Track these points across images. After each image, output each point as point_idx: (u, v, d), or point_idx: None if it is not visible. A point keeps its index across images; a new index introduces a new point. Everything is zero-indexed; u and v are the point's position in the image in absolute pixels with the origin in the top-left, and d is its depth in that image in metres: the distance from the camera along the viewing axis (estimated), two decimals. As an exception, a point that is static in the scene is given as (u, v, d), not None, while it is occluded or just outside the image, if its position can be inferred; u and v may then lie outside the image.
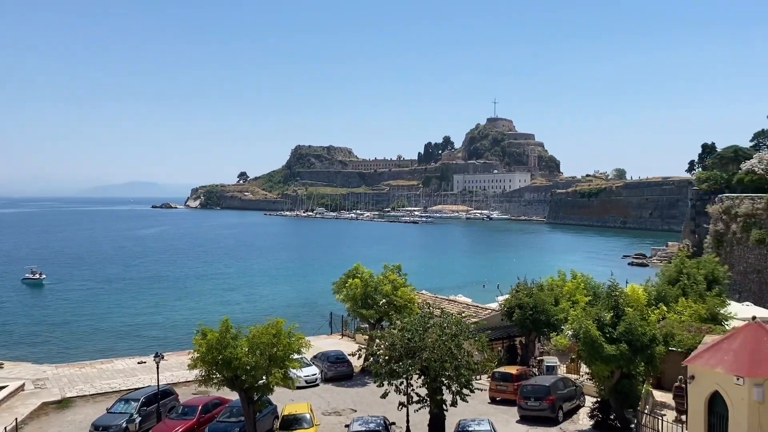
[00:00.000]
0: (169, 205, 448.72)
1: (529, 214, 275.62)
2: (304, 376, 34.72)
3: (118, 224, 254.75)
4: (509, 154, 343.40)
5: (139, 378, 36.50)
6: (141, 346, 52.04)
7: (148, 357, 39.31)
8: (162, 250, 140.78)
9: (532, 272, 47.70)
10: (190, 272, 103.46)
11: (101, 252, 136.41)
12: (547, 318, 35.90)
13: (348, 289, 39.28)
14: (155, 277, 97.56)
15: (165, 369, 35.55)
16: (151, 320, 65.19)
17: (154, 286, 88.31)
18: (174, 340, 54.47)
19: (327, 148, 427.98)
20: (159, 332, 59.50)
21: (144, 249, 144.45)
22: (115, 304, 73.88)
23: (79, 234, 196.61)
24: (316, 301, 73.19)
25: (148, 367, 38.04)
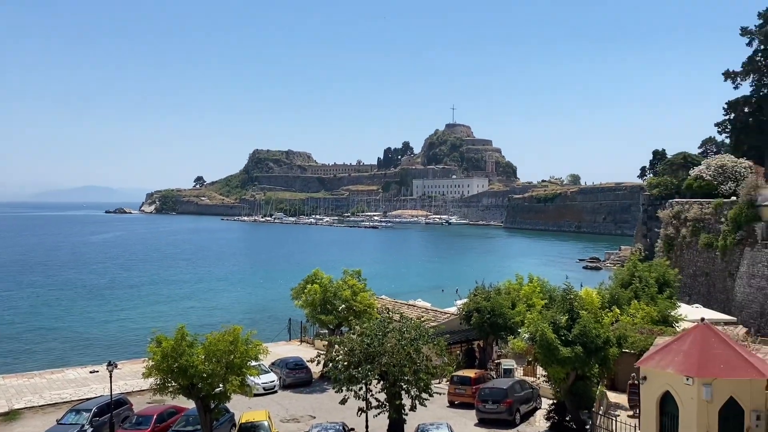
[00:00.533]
0: (123, 210, 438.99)
1: (487, 218, 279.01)
2: (262, 383, 34.32)
3: (69, 230, 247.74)
4: (467, 159, 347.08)
5: (92, 388, 35.47)
6: (93, 354, 50.64)
7: (100, 366, 38.26)
8: (115, 257, 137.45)
9: (490, 276, 48.15)
10: (145, 279, 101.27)
11: (51, 258, 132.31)
12: (505, 321, 36.30)
13: (307, 295, 39.00)
14: (108, 284, 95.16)
15: (118, 378, 34.70)
16: (104, 328, 63.50)
17: (107, 293, 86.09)
18: (128, 348, 53.12)
19: (286, 152, 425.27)
20: (112, 340, 57.98)
21: (96, 255, 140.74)
22: (66, 312, 71.74)
23: (28, 240, 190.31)
24: (274, 308, 72.46)
25: (100, 376, 37.01)
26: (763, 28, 68.29)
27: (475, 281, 41.90)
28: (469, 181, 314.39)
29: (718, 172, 58.83)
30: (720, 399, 19.75)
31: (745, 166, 58.81)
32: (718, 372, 19.76)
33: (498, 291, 39.23)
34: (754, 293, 45.53)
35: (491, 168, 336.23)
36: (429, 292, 76.30)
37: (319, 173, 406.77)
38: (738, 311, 46.02)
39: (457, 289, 56.52)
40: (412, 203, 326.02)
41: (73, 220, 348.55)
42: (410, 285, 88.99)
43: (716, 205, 52.80)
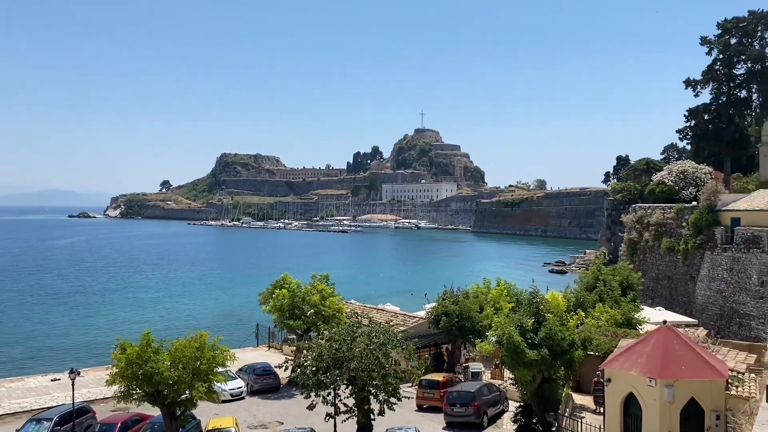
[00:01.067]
0: (87, 215, 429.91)
1: (456, 223, 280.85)
2: (229, 390, 33.94)
3: (31, 234, 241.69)
4: (436, 164, 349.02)
5: (53, 396, 34.65)
6: (55, 362, 49.39)
7: (62, 374, 37.40)
8: (78, 262, 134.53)
9: (458, 280, 48.51)
10: (109, 285, 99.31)
11: (11, 263, 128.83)
12: (473, 325, 36.54)
13: (275, 300, 38.76)
14: (71, 289, 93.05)
15: (81, 386, 33.96)
16: (67, 335, 62.07)
17: (69, 299, 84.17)
18: (91, 355, 52.02)
19: (254, 156, 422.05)
20: (75, 347, 56.70)
21: (59, 260, 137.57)
22: (26, 319, 69.92)
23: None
24: (242, 313, 71.74)
25: (62, 384, 36.18)
26: (722, 38, 70.23)
27: (444, 285, 42.13)
28: (437, 186, 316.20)
29: (679, 178, 60.19)
30: (681, 399, 20.19)
31: (705, 171, 60.30)
32: (679, 373, 20.21)
33: (466, 295, 39.49)
34: (714, 296, 46.69)
35: (460, 173, 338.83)
36: (398, 296, 76.38)
37: (287, 177, 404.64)
38: (699, 313, 47.13)
39: (426, 293, 56.60)
40: (382, 208, 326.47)
41: (35, 224, 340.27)
42: (379, 289, 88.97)
43: (678, 210, 54.02)
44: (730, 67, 70.62)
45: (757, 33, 68.67)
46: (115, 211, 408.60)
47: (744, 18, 68.45)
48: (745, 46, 67.73)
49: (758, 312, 42.52)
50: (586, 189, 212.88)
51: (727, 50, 69.77)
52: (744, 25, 67.72)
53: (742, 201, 48.18)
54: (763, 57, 64.88)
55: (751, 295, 43.39)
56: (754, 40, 67.55)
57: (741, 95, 69.00)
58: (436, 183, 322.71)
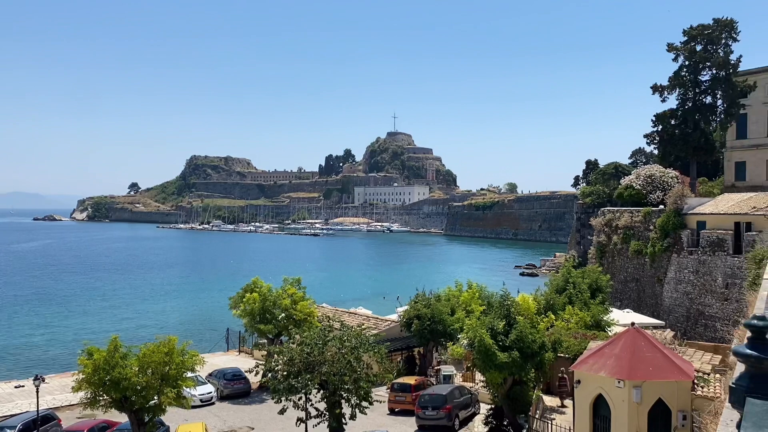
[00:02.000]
0: (53, 218, 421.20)
1: (428, 226, 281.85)
2: (199, 395, 33.57)
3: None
4: (409, 167, 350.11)
5: (17, 403, 33.86)
6: (19, 368, 48.36)
7: (26, 380, 36.61)
8: (43, 266, 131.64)
9: (430, 283, 48.74)
10: (75, 289, 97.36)
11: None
12: (444, 328, 36.70)
13: (245, 304, 38.43)
14: (36, 294, 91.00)
15: (46, 393, 33.26)
16: (31, 340, 60.67)
17: (34, 303, 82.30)
18: (56, 361, 50.95)
19: (224, 158, 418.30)
20: (39, 353, 55.46)
21: (23, 265, 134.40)
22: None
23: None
24: (211, 317, 70.95)
25: (26, 391, 35.37)
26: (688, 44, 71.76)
27: (416, 288, 42.30)
28: (410, 189, 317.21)
29: (647, 182, 61.28)
30: (649, 400, 20.53)
31: (672, 176, 61.52)
32: (647, 375, 20.55)
33: (438, 298, 39.64)
34: (680, 298, 47.64)
35: (432, 176, 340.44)
36: (370, 299, 76.41)
37: (259, 180, 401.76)
38: (666, 315, 48.03)
39: (398, 296, 56.85)
40: (354, 211, 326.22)
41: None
42: (351, 293, 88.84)
43: (645, 214, 55.01)
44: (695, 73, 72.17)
45: (722, 40, 70.29)
46: (81, 214, 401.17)
47: (709, 25, 70.02)
48: (710, 53, 69.29)
49: (723, 314, 43.50)
50: (556, 192, 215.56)
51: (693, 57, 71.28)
52: (709, 33, 69.26)
53: (708, 204, 49.29)
54: (727, 64, 66.50)
55: (716, 297, 44.37)
56: (718, 47, 69.13)
57: (706, 101, 70.52)
58: (408, 186, 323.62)
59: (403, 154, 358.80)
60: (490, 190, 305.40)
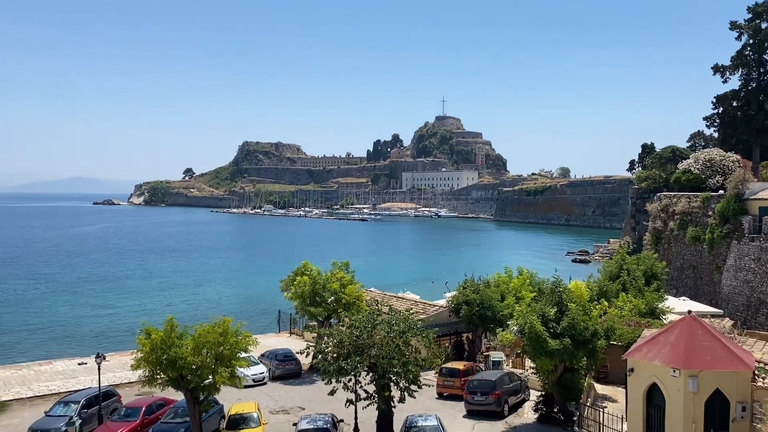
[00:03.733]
0: (112, 202, 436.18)
1: (477, 211, 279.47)
2: (252, 375, 34.34)
3: (57, 221, 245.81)
4: (457, 152, 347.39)
5: (80, 380, 35.37)
6: (82, 347, 50.35)
7: (89, 358, 38.13)
8: (103, 249, 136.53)
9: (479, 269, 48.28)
10: (133, 271, 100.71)
11: (39, 250, 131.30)
12: (494, 314, 36.43)
13: (296, 287, 39.00)
14: (96, 276, 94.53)
15: (107, 370, 34.60)
16: (93, 320, 63.15)
17: (95, 285, 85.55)
18: (116, 340, 52.93)
19: (275, 144, 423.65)
20: (101, 333, 57.71)
21: (84, 247, 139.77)
22: (54, 304, 71.22)
23: (14, 231, 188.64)
24: (264, 300, 72.37)
25: (89, 368, 36.87)
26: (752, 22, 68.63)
27: (465, 274, 42.02)
28: (458, 174, 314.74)
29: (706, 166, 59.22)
30: (706, 390, 19.98)
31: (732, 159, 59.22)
32: (704, 364, 19.98)
33: (487, 284, 39.34)
34: (740, 286, 45.99)
35: (481, 161, 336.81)
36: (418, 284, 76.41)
37: (308, 165, 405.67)
38: (725, 304, 46.50)
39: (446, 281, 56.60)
40: (402, 196, 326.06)
41: (61, 211, 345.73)
42: (399, 277, 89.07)
43: (704, 199, 53.19)
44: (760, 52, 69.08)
45: (789, 17, 67.00)
46: (138, 199, 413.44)
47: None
48: (777, 30, 66.14)
49: (786, 303, 41.81)
50: (610, 177, 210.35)
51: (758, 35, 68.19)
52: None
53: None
54: (795, 42, 63.32)
55: (779, 285, 42.65)
56: (785, 25, 65.91)
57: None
58: (456, 171, 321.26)
59: (451, 139, 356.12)
60: (541, 175, 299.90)
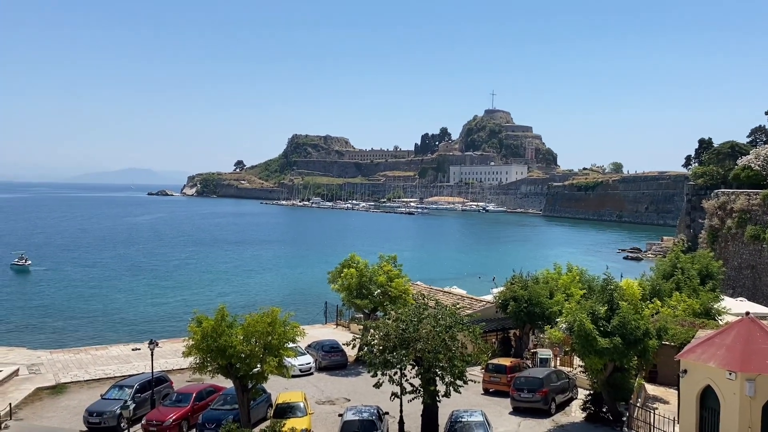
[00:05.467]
0: (165, 192, 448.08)
1: (526, 206, 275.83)
2: (299, 365, 34.80)
3: (113, 211, 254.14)
4: (506, 146, 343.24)
5: (134, 365, 36.51)
6: (135, 333, 52.03)
7: (142, 344, 39.34)
8: (157, 238, 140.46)
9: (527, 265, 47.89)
10: (187, 260, 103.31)
11: (97, 238, 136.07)
12: (542, 311, 36.00)
13: (343, 279, 39.30)
14: (149, 264, 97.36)
15: (159, 356, 35.55)
16: (146, 308, 65.11)
17: (148, 274, 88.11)
18: (168, 327, 54.48)
19: (324, 137, 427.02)
20: (153, 320, 59.47)
21: (138, 236, 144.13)
22: (110, 292, 73.68)
23: (73, 220, 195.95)
24: (311, 291, 73.27)
25: (142, 354, 38.07)
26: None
27: (513, 270, 41.66)
28: (507, 168, 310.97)
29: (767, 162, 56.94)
30: (764, 395, 19.27)
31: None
32: (762, 367, 19.26)
33: (536, 280, 38.89)
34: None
35: (531, 155, 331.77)
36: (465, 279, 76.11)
37: (356, 159, 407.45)
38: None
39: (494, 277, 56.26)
40: (449, 190, 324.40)
41: (117, 201, 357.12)
42: (446, 272, 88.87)
43: (765, 196, 51.17)
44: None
45: None
46: (191, 190, 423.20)
47: None
48: None
49: None
50: (665, 173, 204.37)
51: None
52: None
53: (839, 187, 45.10)
54: None
55: None
56: None
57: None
58: (505, 165, 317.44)
59: (500, 132, 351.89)
60: (593, 170, 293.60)
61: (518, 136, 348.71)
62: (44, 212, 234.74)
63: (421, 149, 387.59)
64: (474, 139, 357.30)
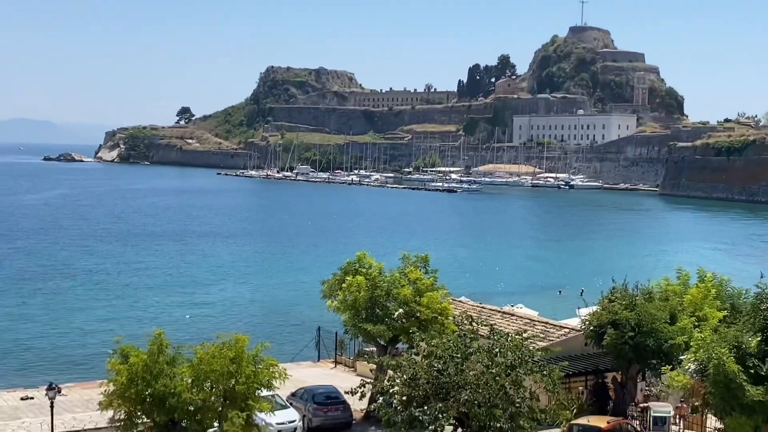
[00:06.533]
0: (72, 157, 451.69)
1: (633, 179, 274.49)
2: (277, 424, 35.03)
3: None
4: (604, 84, 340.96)
5: (23, 422, 36.70)
6: (27, 373, 52.28)
7: (36, 390, 39.69)
8: (57, 228, 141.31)
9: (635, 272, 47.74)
10: (102, 263, 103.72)
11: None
12: (658, 343, 35.85)
13: (346, 293, 39.37)
14: (47, 268, 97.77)
15: (63, 409, 35.88)
16: (43, 333, 65.34)
17: (46, 282, 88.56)
18: (78, 364, 54.83)
19: (315, 71, 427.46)
20: (55, 353, 59.69)
21: (31, 225, 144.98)
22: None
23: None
24: (295, 311, 73.60)
25: (36, 405, 38.37)
26: None
27: (612, 279, 41.49)
28: (605, 119, 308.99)
29: None
30: None
31: None
32: None
33: (648, 295, 38.77)
34: None
35: (642, 98, 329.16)
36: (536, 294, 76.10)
37: (365, 104, 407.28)
38: None
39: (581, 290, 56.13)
40: (511, 153, 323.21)
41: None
42: (506, 282, 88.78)
43: None
44: None
45: None
46: (111, 153, 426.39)
47: None
48: None
49: None
50: None
51: None
52: None
53: None
54: None
55: None
56: None
57: None
58: (602, 114, 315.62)
59: (594, 63, 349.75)
60: (740, 123, 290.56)
61: (623, 68, 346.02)
62: None
63: (467, 90, 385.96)
64: (552, 74, 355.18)
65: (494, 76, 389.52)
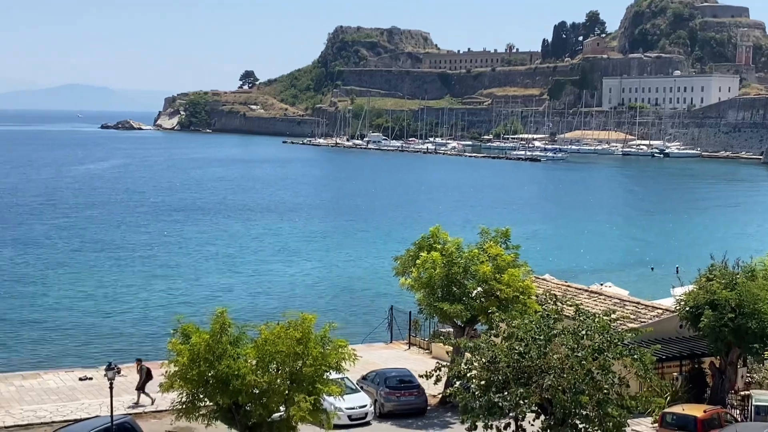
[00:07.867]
0: (130, 125, 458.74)
1: (735, 147, 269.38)
2: (347, 409, 35.27)
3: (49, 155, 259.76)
4: (703, 42, 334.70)
5: (82, 403, 37.45)
6: (85, 352, 53.35)
7: (95, 370, 40.61)
8: (118, 201, 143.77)
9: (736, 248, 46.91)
10: (163, 238, 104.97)
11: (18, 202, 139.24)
12: (761, 325, 35.29)
13: (420, 270, 39.43)
14: (106, 242, 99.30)
15: (122, 390, 36.62)
16: (101, 311, 66.15)
17: (105, 257, 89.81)
18: (137, 343, 55.62)
19: (387, 31, 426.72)
20: (114, 331, 60.65)
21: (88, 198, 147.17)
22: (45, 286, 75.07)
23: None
24: (366, 288, 73.93)
25: (95, 386, 39.23)
26: None
27: (711, 256, 40.87)
28: (704, 81, 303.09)
29: None
30: None
31: None
32: None
33: (751, 273, 38.13)
34: None
35: (745, 58, 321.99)
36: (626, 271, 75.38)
37: (442, 67, 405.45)
38: None
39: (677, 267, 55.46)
40: (601, 119, 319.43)
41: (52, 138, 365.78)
42: (593, 259, 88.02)
43: None
44: None
45: None
46: (170, 120, 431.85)
47: None
48: None
49: None
50: None
51: None
52: None
53: None
54: None
55: None
56: None
57: None
58: (701, 75, 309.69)
59: (692, 19, 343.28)
60: None
61: (724, 24, 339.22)
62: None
63: (552, 51, 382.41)
64: (646, 31, 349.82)
65: (582, 34, 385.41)
